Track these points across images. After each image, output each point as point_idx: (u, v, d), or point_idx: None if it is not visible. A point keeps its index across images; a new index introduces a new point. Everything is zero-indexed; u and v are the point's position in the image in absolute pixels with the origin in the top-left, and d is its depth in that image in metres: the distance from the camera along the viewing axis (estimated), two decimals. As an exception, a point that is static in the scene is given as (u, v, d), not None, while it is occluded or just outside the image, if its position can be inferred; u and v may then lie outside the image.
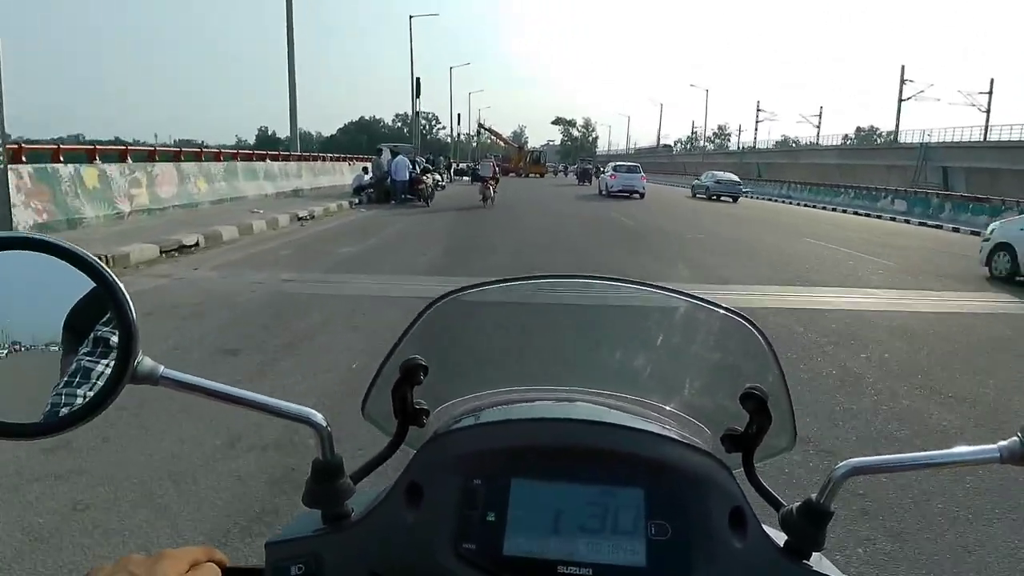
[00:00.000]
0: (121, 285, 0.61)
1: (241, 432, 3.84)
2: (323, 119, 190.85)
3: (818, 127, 78.95)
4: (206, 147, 25.80)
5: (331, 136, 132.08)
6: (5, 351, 0.59)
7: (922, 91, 55.56)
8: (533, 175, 62.80)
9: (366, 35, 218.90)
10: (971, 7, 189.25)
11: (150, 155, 16.63)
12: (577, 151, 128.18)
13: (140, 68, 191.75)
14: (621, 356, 0.98)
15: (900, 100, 55.83)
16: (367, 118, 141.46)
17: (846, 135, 73.16)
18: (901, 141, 54.19)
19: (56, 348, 0.61)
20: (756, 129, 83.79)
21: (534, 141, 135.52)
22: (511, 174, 61.98)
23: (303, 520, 0.72)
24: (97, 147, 15.65)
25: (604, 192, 33.53)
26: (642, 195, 32.07)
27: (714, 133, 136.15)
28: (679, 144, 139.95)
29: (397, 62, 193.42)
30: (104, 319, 0.61)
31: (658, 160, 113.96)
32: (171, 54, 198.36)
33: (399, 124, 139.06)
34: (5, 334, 0.59)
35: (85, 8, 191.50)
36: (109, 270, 0.61)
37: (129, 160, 14.91)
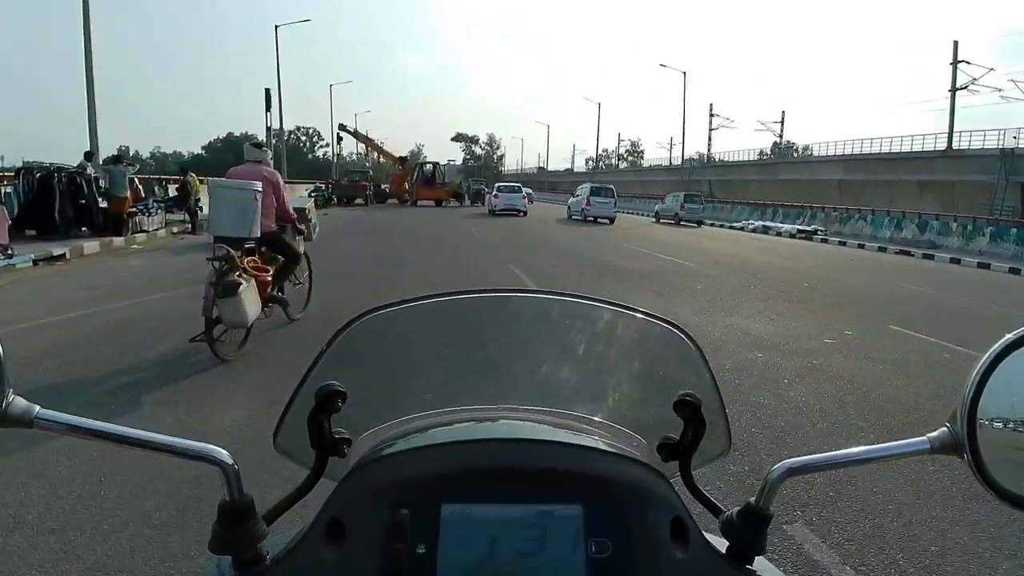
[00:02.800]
0: None
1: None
2: (190, 136, 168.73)
3: (780, 136, 64.25)
4: None
5: (195, 155, 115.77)
6: None
7: (974, 80, 36.66)
8: (426, 203, 40.26)
9: (239, 47, 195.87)
10: None
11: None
12: (481, 170, 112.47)
13: None
14: (548, 370, 0.92)
15: (953, 88, 36.92)
16: (236, 134, 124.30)
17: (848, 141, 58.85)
18: (962, 148, 35.47)
19: None
20: (710, 138, 64.61)
21: (434, 159, 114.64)
22: (390, 201, 41.93)
23: (212, 569, 0.65)
24: None
25: (489, 211, 33.20)
26: (525, 213, 31.91)
27: (627, 150, 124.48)
28: (590, 162, 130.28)
29: (272, 76, 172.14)
30: None
31: (575, 180, 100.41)
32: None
33: (274, 139, 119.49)
34: None
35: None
36: None
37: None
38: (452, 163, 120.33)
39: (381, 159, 55.15)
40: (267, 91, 30.63)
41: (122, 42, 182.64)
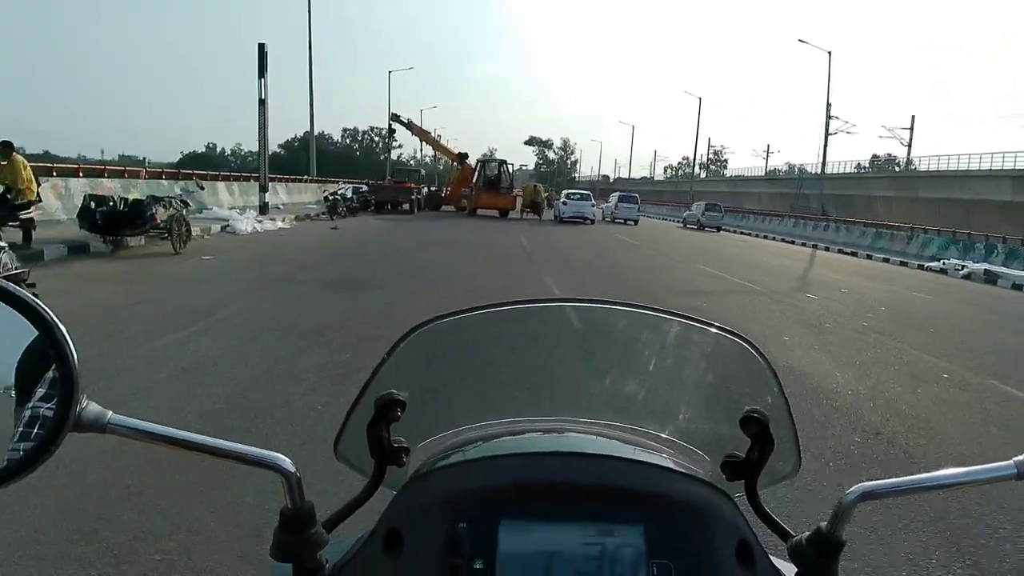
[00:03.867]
0: (61, 326, 0.55)
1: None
2: (271, 134, 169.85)
3: (908, 145, 51.82)
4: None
5: (273, 153, 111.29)
6: None
7: None
8: (486, 210, 32.19)
9: (325, 48, 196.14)
10: None
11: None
12: (553, 176, 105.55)
13: (86, 80, 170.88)
14: (612, 382, 0.89)
15: None
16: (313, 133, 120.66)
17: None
18: None
19: (8, 395, 0.56)
20: (825, 144, 50.06)
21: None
22: (443, 208, 34.70)
23: (275, 575, 0.66)
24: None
25: (557, 218, 32.31)
26: (592, 221, 31.63)
27: (709, 159, 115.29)
28: (669, 170, 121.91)
29: (352, 75, 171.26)
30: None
31: (655, 189, 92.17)
32: (125, 65, 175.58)
33: (348, 140, 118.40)
34: None
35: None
36: (48, 310, 0.56)
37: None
38: (524, 168, 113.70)
39: (441, 158, 47.75)
40: (260, 46, 20.95)
41: (211, 44, 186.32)
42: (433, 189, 38.16)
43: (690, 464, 0.72)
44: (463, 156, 36.62)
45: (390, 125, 40.91)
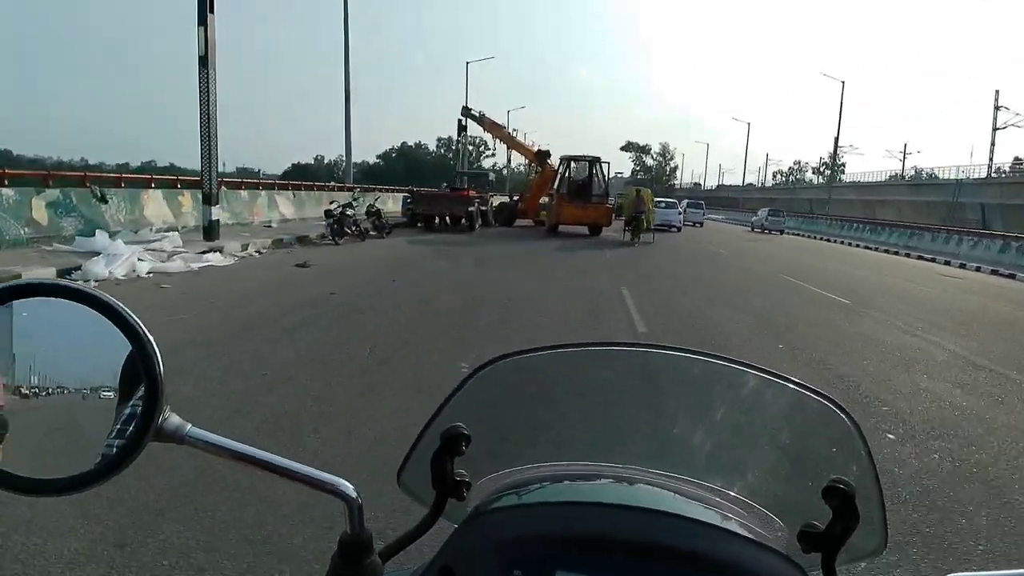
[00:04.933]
0: (150, 337, 0.58)
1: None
2: (369, 145, 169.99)
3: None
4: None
5: (372, 163, 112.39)
6: (39, 397, 0.58)
7: None
8: (569, 225, 23.67)
9: (415, 58, 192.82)
10: None
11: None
12: (650, 183, 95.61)
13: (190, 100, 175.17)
14: (685, 433, 0.85)
15: None
16: (410, 144, 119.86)
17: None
18: None
19: (89, 399, 0.58)
20: (992, 141, 40.99)
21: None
22: (520, 222, 26.68)
23: None
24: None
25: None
26: (679, 229, 31.33)
27: (824, 163, 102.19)
28: (779, 176, 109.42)
29: (448, 87, 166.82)
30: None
31: (766, 196, 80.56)
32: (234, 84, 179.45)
33: (443, 149, 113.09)
34: (39, 380, 0.58)
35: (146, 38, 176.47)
36: (138, 321, 0.58)
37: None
38: (619, 175, 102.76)
39: (521, 162, 39.11)
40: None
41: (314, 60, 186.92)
42: (511, 199, 29.79)
43: (764, 531, 0.66)
44: (543, 155, 27.85)
45: (460, 121, 32.68)
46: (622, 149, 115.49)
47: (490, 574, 0.57)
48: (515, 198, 29.76)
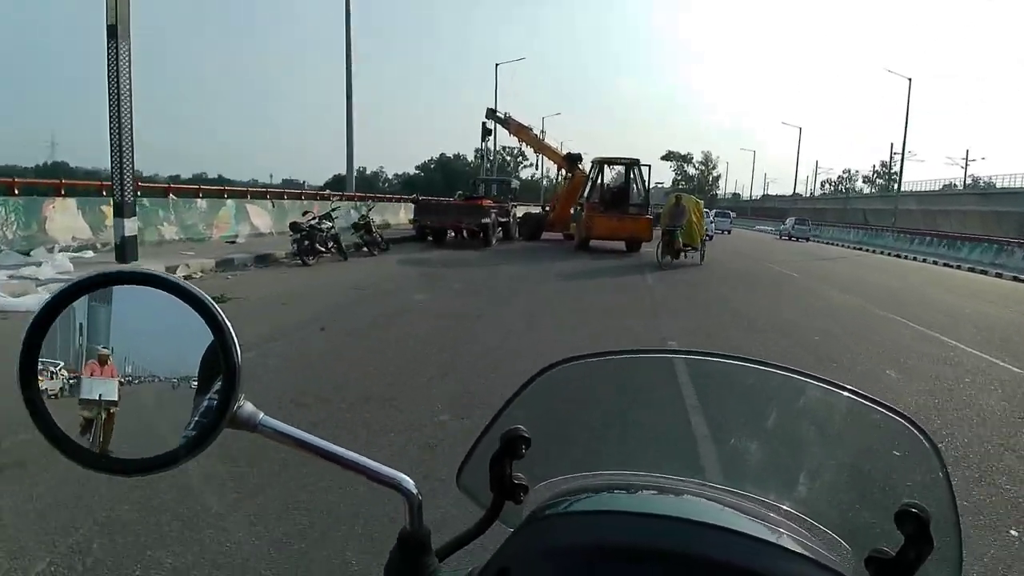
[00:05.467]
0: (230, 327, 0.60)
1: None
2: (408, 158, 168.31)
3: None
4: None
5: (412, 174, 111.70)
6: (132, 382, 0.61)
7: None
8: (603, 239, 19.70)
9: (457, 71, 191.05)
10: None
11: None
12: (692, 193, 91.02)
13: (241, 113, 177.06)
14: (750, 447, 0.82)
15: None
16: (448, 155, 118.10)
17: None
18: None
19: (175, 386, 0.62)
20: None
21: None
22: (547, 236, 23.46)
23: None
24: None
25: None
26: (711, 238, 25.78)
27: (877, 171, 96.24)
28: (827, 184, 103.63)
29: (488, 98, 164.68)
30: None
31: (816, 207, 75.25)
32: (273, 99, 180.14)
33: (479, 159, 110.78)
34: (131, 366, 0.61)
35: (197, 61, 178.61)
36: (219, 311, 0.60)
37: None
38: (660, 185, 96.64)
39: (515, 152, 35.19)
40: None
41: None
42: (544, 209, 26.03)
43: (830, 554, 0.63)
44: (573, 159, 24.22)
45: (483, 124, 29.21)
46: (663, 159, 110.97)
47: None
48: (547, 208, 26.01)
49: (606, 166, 21.91)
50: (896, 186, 54.03)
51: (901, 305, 11.85)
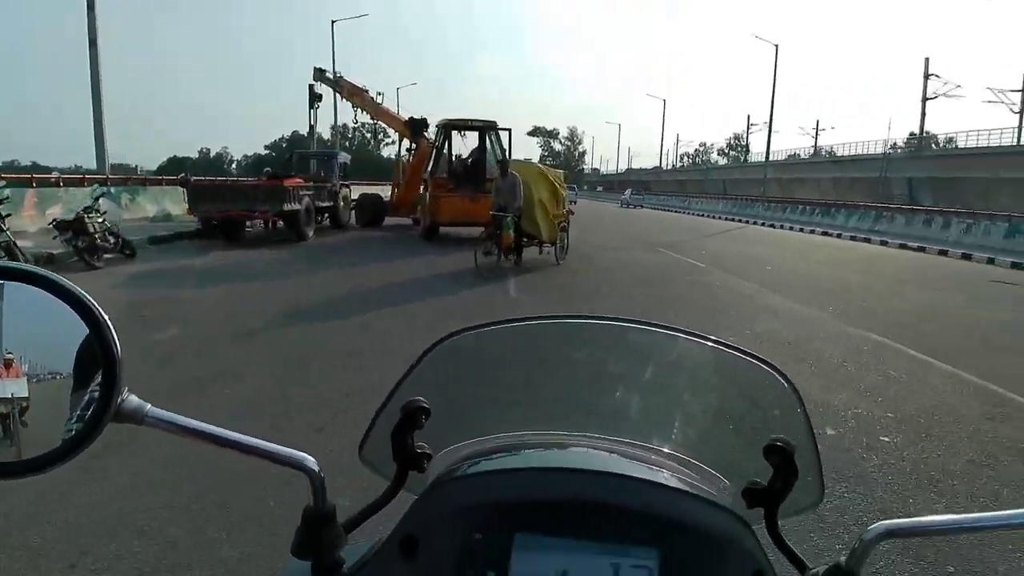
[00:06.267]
0: (106, 319, 0.58)
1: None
2: (260, 136, 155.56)
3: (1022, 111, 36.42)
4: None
5: (261, 155, 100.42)
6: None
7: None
8: (455, 224, 15.07)
9: (305, 39, 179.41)
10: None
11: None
12: (560, 168, 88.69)
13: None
14: (633, 400, 0.87)
15: None
16: (302, 133, 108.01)
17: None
18: None
19: (48, 383, 0.59)
20: (923, 112, 37.00)
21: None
22: (391, 221, 18.96)
23: (293, 572, 0.67)
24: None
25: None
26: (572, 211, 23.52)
27: (728, 143, 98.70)
28: (685, 158, 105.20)
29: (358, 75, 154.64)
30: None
31: (676, 179, 74.98)
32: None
33: (337, 137, 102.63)
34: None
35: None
36: (94, 303, 0.58)
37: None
38: (528, 161, 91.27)
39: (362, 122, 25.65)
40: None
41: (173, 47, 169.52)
42: (395, 189, 20.44)
43: (711, 489, 0.69)
44: (417, 125, 19.19)
45: (311, 87, 23.40)
46: (529, 134, 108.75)
47: (452, 539, 0.58)
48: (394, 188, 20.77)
49: (455, 132, 17.19)
50: (762, 157, 53.61)
51: (889, 317, 8.26)
